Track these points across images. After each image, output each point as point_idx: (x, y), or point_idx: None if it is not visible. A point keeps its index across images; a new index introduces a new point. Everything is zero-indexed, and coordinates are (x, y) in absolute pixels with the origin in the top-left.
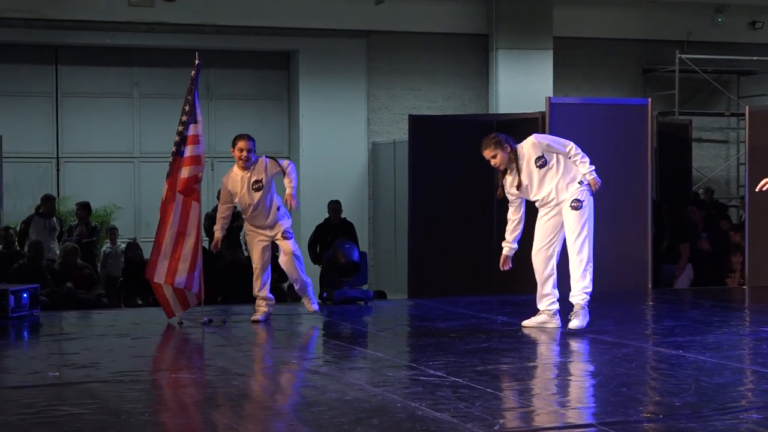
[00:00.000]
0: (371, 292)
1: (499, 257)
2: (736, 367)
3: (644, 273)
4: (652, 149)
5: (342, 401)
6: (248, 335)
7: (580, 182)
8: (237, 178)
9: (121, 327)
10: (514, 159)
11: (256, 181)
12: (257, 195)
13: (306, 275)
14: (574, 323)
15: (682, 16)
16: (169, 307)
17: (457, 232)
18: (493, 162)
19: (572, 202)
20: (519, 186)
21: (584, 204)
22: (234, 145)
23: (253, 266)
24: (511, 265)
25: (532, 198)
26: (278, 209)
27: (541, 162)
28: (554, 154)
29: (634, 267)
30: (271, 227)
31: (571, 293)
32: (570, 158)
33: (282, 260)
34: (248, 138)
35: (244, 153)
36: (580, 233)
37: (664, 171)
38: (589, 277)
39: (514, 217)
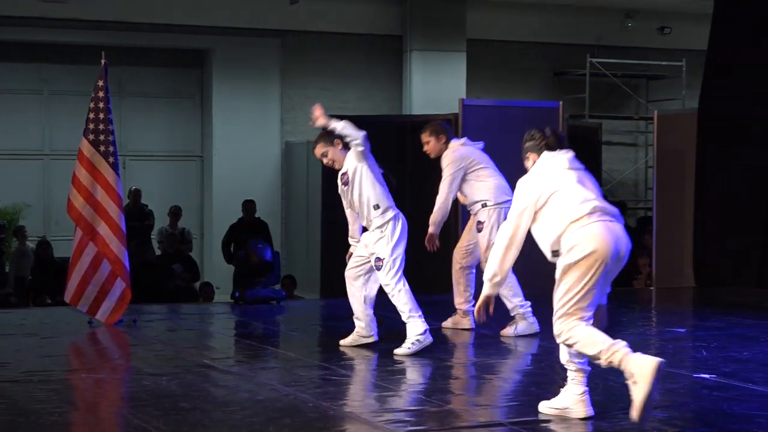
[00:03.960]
0: (284, 292)
1: (407, 257)
2: None
3: (554, 275)
4: None
5: (254, 401)
6: (159, 335)
7: (484, 204)
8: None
9: (30, 326)
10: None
11: (343, 174)
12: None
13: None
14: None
15: (593, 20)
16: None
17: None
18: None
19: (477, 223)
20: None
21: (484, 225)
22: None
23: None
24: None
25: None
26: (375, 208)
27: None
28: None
29: (545, 269)
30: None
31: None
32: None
33: None
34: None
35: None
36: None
37: None
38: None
39: None
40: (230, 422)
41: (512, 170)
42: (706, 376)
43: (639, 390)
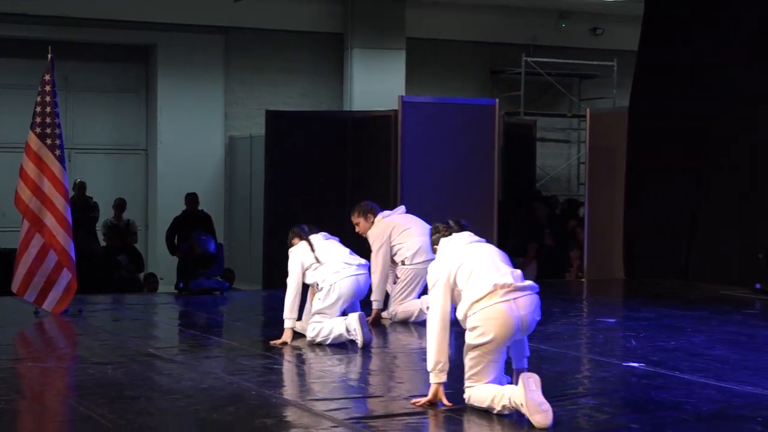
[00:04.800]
0: (227, 283)
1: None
2: (574, 355)
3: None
4: (499, 147)
5: (198, 389)
6: (104, 324)
7: (403, 262)
8: None
9: None
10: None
11: None
12: None
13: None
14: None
15: (528, 21)
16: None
17: (311, 224)
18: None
19: (395, 276)
20: None
21: (399, 280)
22: None
23: None
24: None
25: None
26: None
27: None
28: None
29: None
30: None
31: None
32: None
33: None
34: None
35: None
36: None
37: (510, 168)
38: None
39: None
40: (175, 410)
41: (448, 165)
42: (635, 364)
43: (524, 409)
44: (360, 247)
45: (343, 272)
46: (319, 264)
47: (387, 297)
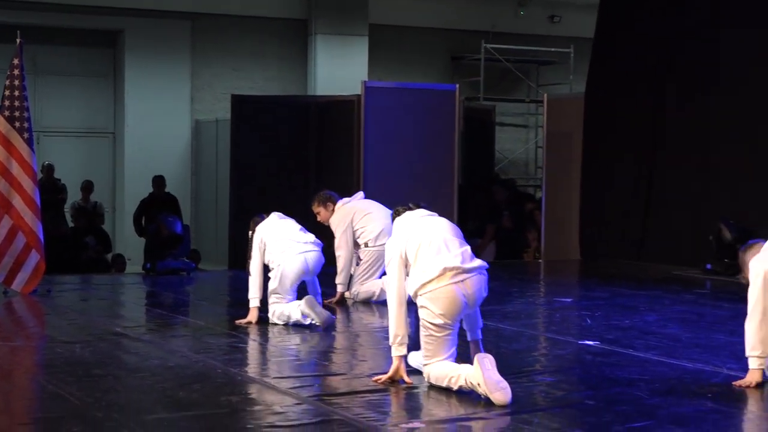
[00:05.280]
0: (193, 263)
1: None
2: (531, 334)
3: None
4: (459, 132)
5: (165, 367)
6: (73, 304)
7: (366, 245)
8: None
9: None
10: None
11: None
12: None
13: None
14: None
15: (488, 8)
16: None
17: (275, 206)
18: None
19: (357, 258)
20: None
21: (362, 262)
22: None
23: None
24: None
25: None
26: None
27: None
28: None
29: None
30: None
31: None
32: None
33: None
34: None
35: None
36: None
37: (469, 152)
38: None
39: None
40: (142, 388)
41: (410, 149)
42: (591, 342)
43: (481, 389)
44: (323, 234)
45: (289, 251)
46: (267, 245)
47: (350, 278)
